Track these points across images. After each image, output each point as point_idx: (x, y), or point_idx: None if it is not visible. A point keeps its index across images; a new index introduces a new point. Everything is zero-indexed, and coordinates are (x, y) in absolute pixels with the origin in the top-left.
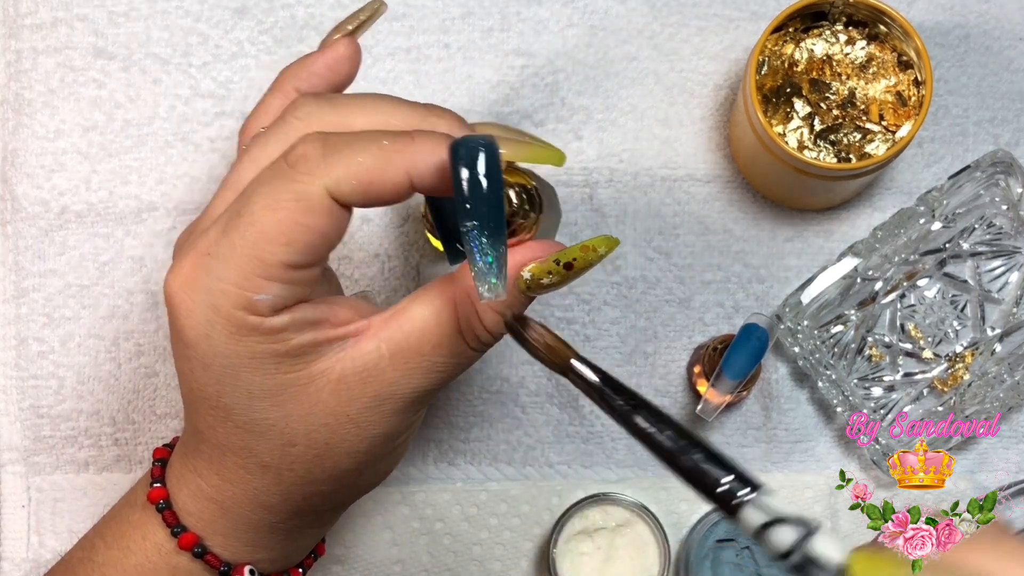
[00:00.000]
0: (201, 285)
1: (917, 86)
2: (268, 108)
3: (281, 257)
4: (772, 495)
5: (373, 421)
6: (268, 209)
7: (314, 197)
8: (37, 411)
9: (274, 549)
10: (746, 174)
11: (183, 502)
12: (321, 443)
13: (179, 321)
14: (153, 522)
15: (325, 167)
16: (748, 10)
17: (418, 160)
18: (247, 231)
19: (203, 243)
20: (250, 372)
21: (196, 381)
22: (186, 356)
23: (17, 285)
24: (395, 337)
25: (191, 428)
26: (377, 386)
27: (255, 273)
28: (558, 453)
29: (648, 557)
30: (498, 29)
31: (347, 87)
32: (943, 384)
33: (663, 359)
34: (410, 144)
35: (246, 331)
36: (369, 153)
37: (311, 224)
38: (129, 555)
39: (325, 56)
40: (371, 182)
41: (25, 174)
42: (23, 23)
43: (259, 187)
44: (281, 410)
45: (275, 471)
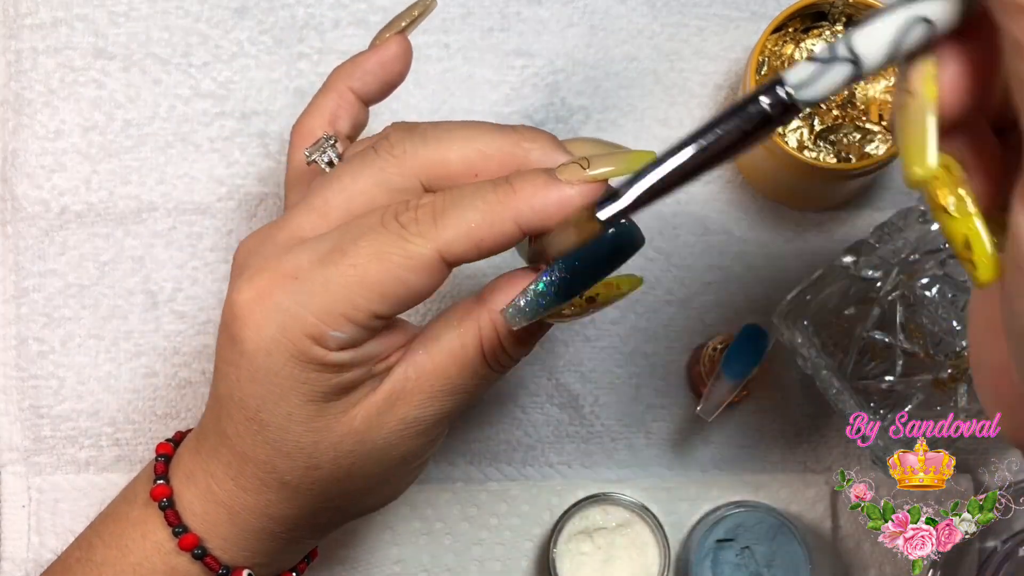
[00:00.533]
0: (277, 304)
1: None
2: (322, 108)
3: (374, 306)
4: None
5: (395, 444)
6: (374, 259)
7: (425, 258)
8: (37, 411)
9: (271, 555)
10: (746, 174)
11: (188, 501)
12: (345, 468)
13: (243, 331)
14: (154, 520)
15: (436, 231)
16: (748, 10)
17: (523, 208)
18: (347, 272)
19: (288, 264)
20: (296, 396)
21: (240, 391)
22: (237, 364)
23: (17, 285)
24: (420, 360)
25: (215, 429)
26: (404, 409)
27: (341, 312)
28: (558, 453)
29: (648, 557)
30: (498, 29)
31: (399, 85)
32: (943, 384)
33: (663, 359)
34: (513, 195)
35: (308, 359)
36: (476, 210)
37: (412, 282)
38: (127, 554)
39: (377, 55)
40: (482, 239)
41: (25, 174)
42: (23, 23)
43: (367, 232)
44: (314, 436)
45: (293, 488)
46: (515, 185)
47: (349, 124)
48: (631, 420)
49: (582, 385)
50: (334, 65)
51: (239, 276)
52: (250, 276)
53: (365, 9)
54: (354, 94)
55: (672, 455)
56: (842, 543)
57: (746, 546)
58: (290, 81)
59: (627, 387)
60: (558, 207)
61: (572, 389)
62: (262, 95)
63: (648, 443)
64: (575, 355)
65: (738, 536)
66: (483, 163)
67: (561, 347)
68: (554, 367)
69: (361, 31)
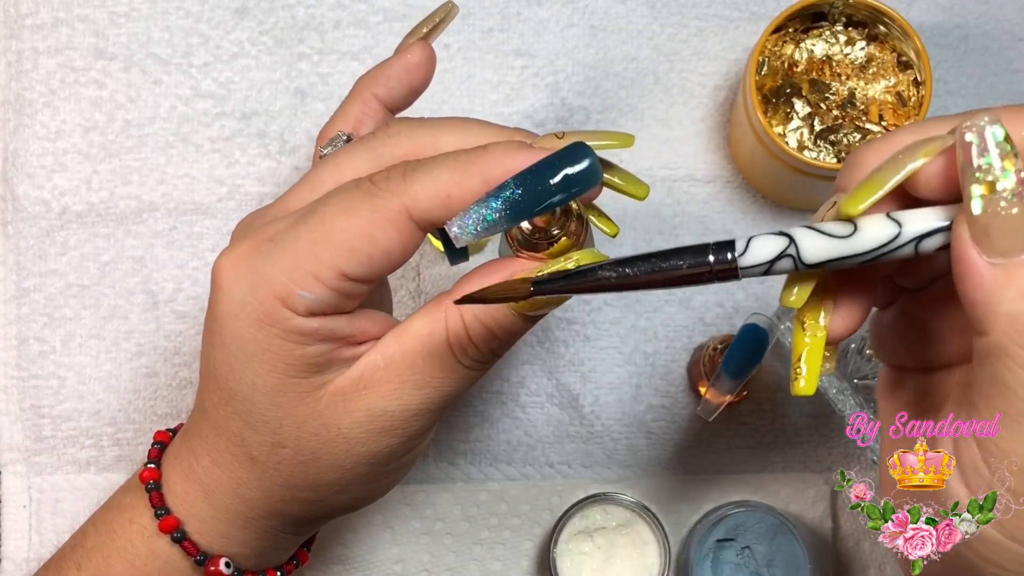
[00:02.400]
0: (250, 266)
1: (917, 86)
2: (347, 115)
3: (339, 261)
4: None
5: (362, 438)
6: (342, 213)
7: (391, 211)
8: (38, 411)
9: (248, 545)
10: (746, 174)
11: (173, 481)
12: (309, 451)
13: (216, 294)
14: (140, 505)
15: (405, 185)
16: (748, 11)
17: (493, 166)
18: (316, 227)
19: (269, 230)
20: (259, 364)
21: (212, 358)
22: (211, 330)
23: (18, 285)
24: (390, 349)
25: (198, 405)
26: (370, 399)
27: (308, 268)
28: (558, 453)
29: (648, 557)
30: (498, 29)
31: (423, 90)
32: None
33: (663, 359)
34: (483, 153)
35: (271, 321)
36: (446, 167)
37: (379, 237)
38: (114, 538)
39: (401, 61)
40: (449, 194)
41: (26, 174)
42: (24, 24)
43: (338, 193)
44: (278, 411)
45: (261, 466)
46: (488, 146)
47: (372, 129)
48: (631, 420)
49: (582, 385)
50: (334, 65)
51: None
52: (232, 244)
53: (365, 10)
54: (378, 101)
55: (672, 455)
56: (842, 543)
57: (746, 546)
58: (290, 81)
59: (627, 387)
60: (528, 166)
61: (572, 389)
62: (262, 95)
63: (648, 443)
64: (575, 355)
65: (738, 536)
66: None
67: (561, 347)
68: (554, 367)
69: (362, 32)
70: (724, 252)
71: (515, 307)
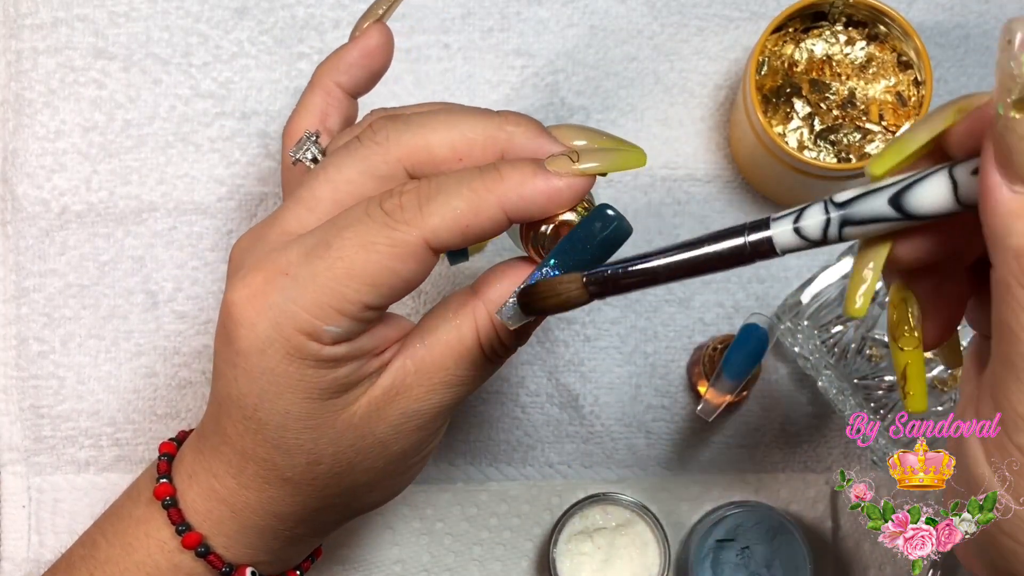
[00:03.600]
0: (270, 301)
1: (917, 86)
2: (310, 107)
3: (363, 297)
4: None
5: (396, 438)
6: (360, 249)
7: (411, 245)
8: (37, 411)
9: (274, 553)
10: (746, 174)
11: (191, 500)
12: (345, 462)
13: (237, 330)
14: (157, 519)
15: (422, 217)
16: (748, 10)
17: (511, 195)
18: (335, 264)
19: (280, 262)
20: (293, 393)
21: (238, 389)
22: (233, 363)
23: (17, 285)
24: (419, 353)
25: (215, 428)
26: (404, 403)
27: (332, 306)
28: (558, 453)
29: (648, 557)
30: (498, 29)
31: (384, 73)
32: (943, 384)
33: (663, 359)
34: (500, 182)
35: (303, 355)
36: (462, 197)
37: (400, 270)
38: (131, 552)
39: (359, 46)
40: (468, 225)
41: (25, 174)
42: (23, 23)
43: (353, 223)
44: (313, 433)
45: (295, 484)
46: (503, 172)
47: (339, 120)
48: (631, 420)
49: (582, 385)
50: None
51: (234, 276)
52: (243, 275)
53: (365, 9)
54: (341, 89)
55: (672, 455)
56: (842, 543)
57: (746, 546)
58: (290, 81)
59: (627, 387)
60: (546, 197)
61: (572, 389)
62: (262, 95)
63: (648, 443)
64: (575, 355)
65: (738, 536)
66: (467, 147)
67: (561, 347)
68: (554, 367)
69: None
70: (758, 230)
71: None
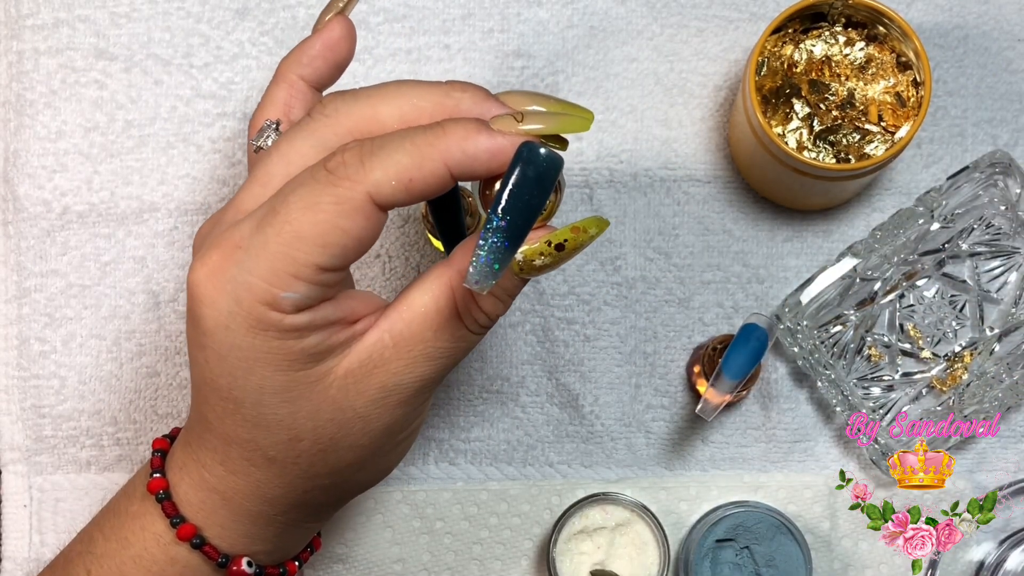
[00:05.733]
0: (228, 276)
1: (916, 87)
2: (273, 100)
3: (315, 258)
4: None
5: (378, 414)
6: (306, 210)
7: (355, 201)
8: (39, 411)
9: (271, 541)
10: (746, 175)
11: (184, 492)
12: (327, 438)
13: (200, 309)
14: (152, 513)
15: (364, 171)
16: (748, 11)
17: (454, 149)
18: (283, 228)
19: (235, 236)
20: (263, 367)
21: (210, 371)
22: (202, 345)
23: (19, 285)
24: (397, 326)
25: (198, 417)
26: (383, 377)
27: (286, 271)
28: (558, 453)
29: (648, 557)
30: (498, 30)
31: (347, 65)
32: (942, 384)
33: (663, 359)
34: (443, 136)
35: (265, 326)
36: (404, 151)
37: (348, 228)
38: (127, 546)
39: (321, 38)
40: (411, 179)
41: (27, 175)
42: (24, 24)
43: (297, 188)
44: (291, 406)
45: (280, 464)
46: (446, 128)
47: (303, 112)
48: (631, 420)
49: (582, 385)
50: None
51: (193, 258)
52: (201, 256)
53: (366, 10)
54: (304, 81)
55: (672, 455)
56: (842, 543)
57: (746, 546)
58: None
59: (627, 387)
60: (489, 154)
61: (572, 389)
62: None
63: (648, 443)
64: (575, 355)
65: (738, 536)
66: (415, 115)
67: (561, 347)
68: (554, 367)
69: (362, 32)
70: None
71: (520, 273)
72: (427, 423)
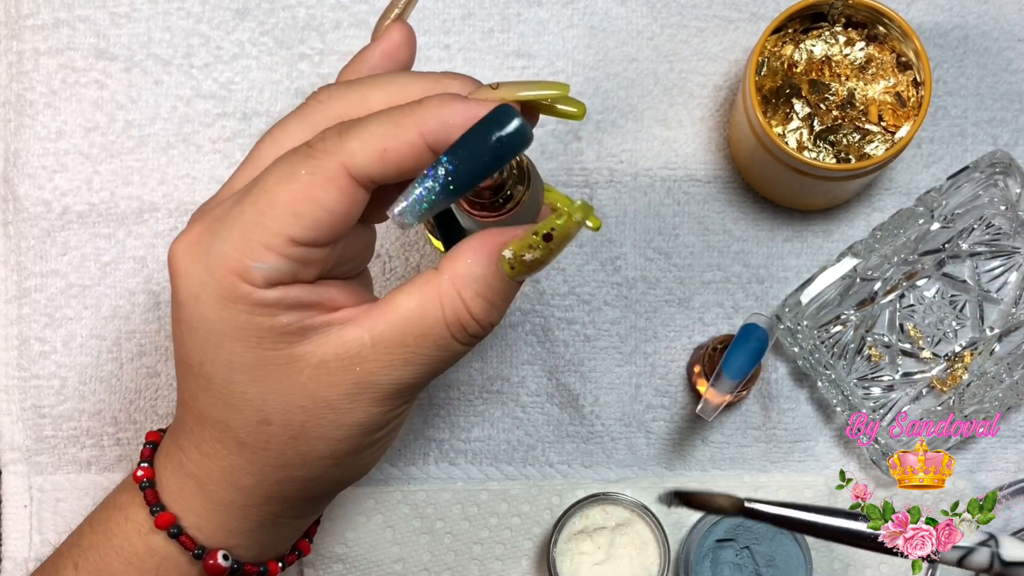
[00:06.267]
0: (203, 248)
1: (916, 87)
2: None
3: (286, 228)
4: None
5: (351, 409)
6: (283, 180)
7: (329, 171)
8: (39, 411)
9: (248, 536)
10: (746, 175)
11: (166, 479)
12: (297, 425)
13: (175, 281)
14: (136, 503)
15: (340, 143)
16: (747, 11)
17: (428, 118)
18: (259, 199)
19: (216, 211)
20: (232, 342)
21: (184, 346)
22: (178, 318)
23: (19, 285)
24: (378, 327)
25: (179, 399)
26: (358, 374)
27: (257, 240)
28: (558, 453)
29: (648, 557)
30: (498, 30)
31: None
32: (942, 384)
33: (663, 359)
34: (418, 107)
35: (234, 298)
36: (380, 123)
37: (321, 199)
38: (111, 537)
39: (381, 46)
40: (385, 148)
41: (27, 175)
42: (25, 24)
43: (277, 162)
44: (259, 386)
45: (251, 448)
46: (423, 101)
47: None
48: (631, 420)
49: (582, 385)
50: (335, 66)
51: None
52: (184, 230)
53: (366, 10)
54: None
55: (672, 455)
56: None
57: (746, 546)
58: (291, 82)
59: (627, 387)
60: (463, 119)
61: (572, 389)
62: (263, 96)
63: (648, 443)
64: (575, 355)
65: (738, 536)
66: (404, 101)
67: (561, 347)
68: (554, 367)
69: (363, 32)
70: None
71: (512, 273)
72: (427, 423)
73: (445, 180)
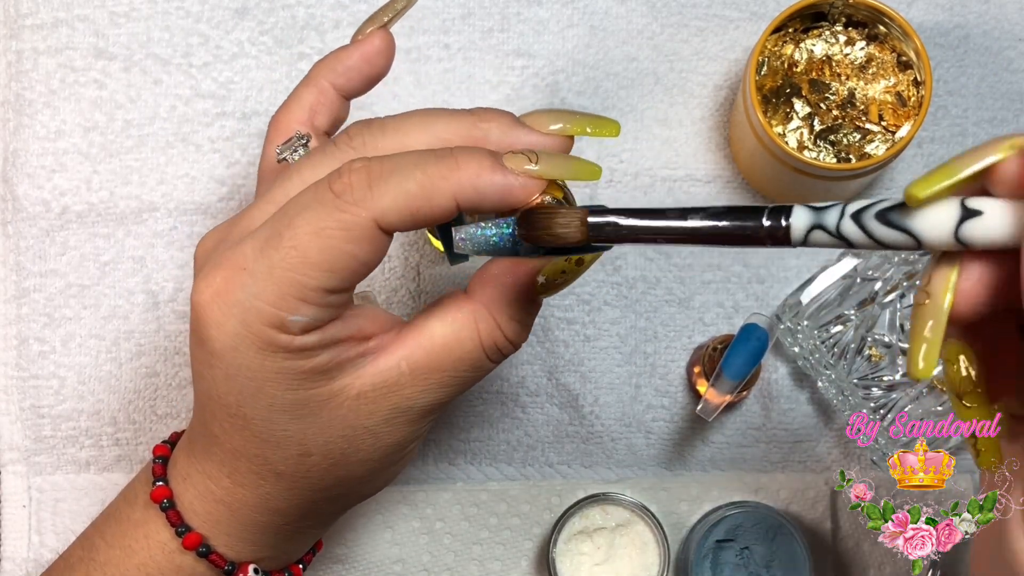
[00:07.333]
0: (233, 299)
1: (916, 86)
2: (300, 101)
3: (321, 283)
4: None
5: (389, 432)
6: (313, 236)
7: (361, 227)
8: (38, 411)
9: (277, 548)
10: (746, 174)
11: (189, 502)
12: (337, 453)
13: (207, 331)
14: (156, 521)
15: (372, 198)
16: (748, 11)
17: (465, 185)
18: (288, 254)
19: (238, 257)
20: (273, 387)
21: (217, 390)
22: (210, 364)
23: (18, 285)
24: (415, 355)
25: (203, 430)
26: (396, 400)
27: (292, 295)
28: (558, 453)
29: (648, 557)
30: (498, 30)
31: (381, 79)
32: (943, 384)
33: (663, 359)
34: (456, 170)
35: (274, 348)
36: (415, 180)
37: (354, 252)
38: (132, 554)
39: (360, 49)
40: (418, 209)
41: (26, 174)
42: (24, 23)
43: (303, 211)
44: (300, 423)
45: (289, 478)
46: (459, 160)
47: (328, 119)
48: (631, 420)
49: (582, 385)
50: None
51: (197, 275)
52: (205, 275)
53: (366, 10)
54: (335, 89)
55: (672, 455)
56: (842, 543)
57: (746, 546)
58: (290, 82)
59: (627, 387)
60: (499, 194)
61: (572, 389)
62: (263, 95)
63: (648, 443)
64: (575, 355)
65: (738, 536)
66: (442, 145)
67: (561, 347)
68: (554, 367)
69: None
70: (778, 218)
71: (543, 295)
72: None
73: (516, 239)
